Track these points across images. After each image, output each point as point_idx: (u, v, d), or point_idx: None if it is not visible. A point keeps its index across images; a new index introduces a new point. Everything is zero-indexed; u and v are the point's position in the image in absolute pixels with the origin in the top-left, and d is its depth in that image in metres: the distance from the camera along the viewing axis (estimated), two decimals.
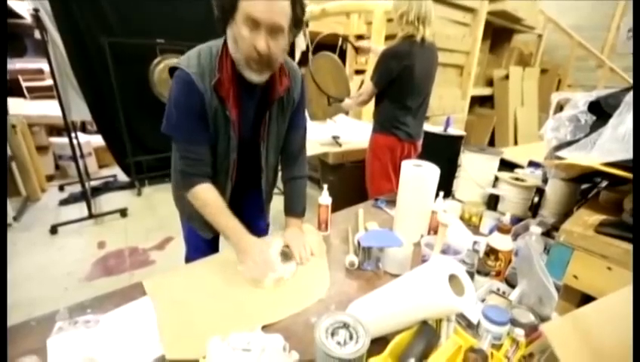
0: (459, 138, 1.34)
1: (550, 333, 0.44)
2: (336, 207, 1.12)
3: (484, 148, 1.31)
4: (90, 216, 2.63)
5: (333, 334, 0.54)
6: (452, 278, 0.55)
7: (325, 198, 1.07)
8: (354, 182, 1.93)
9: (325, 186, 1.07)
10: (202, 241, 1.11)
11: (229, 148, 0.89)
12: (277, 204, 1.15)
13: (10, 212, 2.59)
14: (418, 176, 1.00)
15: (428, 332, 0.54)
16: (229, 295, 0.79)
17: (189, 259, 1.13)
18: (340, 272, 0.90)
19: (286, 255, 0.93)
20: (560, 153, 0.72)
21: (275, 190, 1.21)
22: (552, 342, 0.43)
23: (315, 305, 0.77)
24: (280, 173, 1.12)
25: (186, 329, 0.68)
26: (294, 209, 1.04)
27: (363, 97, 1.77)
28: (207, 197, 0.88)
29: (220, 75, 0.79)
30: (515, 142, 3.91)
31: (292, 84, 0.92)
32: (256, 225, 1.08)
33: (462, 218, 1.18)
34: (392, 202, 1.33)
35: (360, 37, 3.41)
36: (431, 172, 1.01)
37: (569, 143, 0.75)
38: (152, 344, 0.65)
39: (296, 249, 0.92)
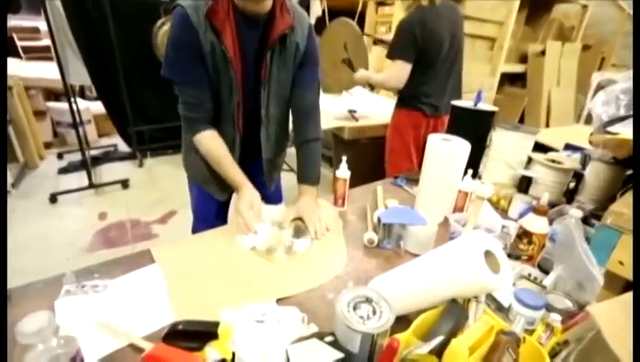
0: (490, 114, 1.29)
1: (599, 316, 0.43)
2: (351, 186, 1.12)
3: (518, 127, 1.27)
4: (91, 185, 2.68)
5: (355, 308, 0.54)
6: (487, 255, 0.54)
7: (343, 171, 1.06)
8: (370, 160, 1.91)
9: (344, 158, 1.05)
10: (211, 212, 1.12)
11: (232, 91, 0.89)
12: (288, 180, 1.15)
13: (9, 178, 2.64)
14: (446, 151, 0.98)
15: (457, 311, 0.54)
16: (241, 266, 0.80)
17: (196, 230, 1.14)
18: (357, 249, 0.90)
19: (300, 229, 0.93)
20: (612, 128, 0.69)
21: (285, 166, 1.20)
22: (600, 324, 0.42)
23: (332, 281, 0.78)
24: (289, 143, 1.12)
25: (197, 299, 0.70)
26: (308, 176, 1.03)
27: (392, 83, 1.69)
28: (210, 144, 0.92)
29: (213, 2, 0.79)
30: (547, 126, 3.79)
31: (296, 27, 0.91)
32: (261, 193, 1.09)
33: (489, 200, 1.16)
34: (413, 180, 1.32)
35: (381, 3, 3.29)
36: (460, 147, 0.98)
37: (622, 118, 0.71)
38: (162, 311, 0.67)
39: (311, 222, 0.92)
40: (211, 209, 1.12)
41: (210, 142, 0.92)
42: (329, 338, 0.48)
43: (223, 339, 0.40)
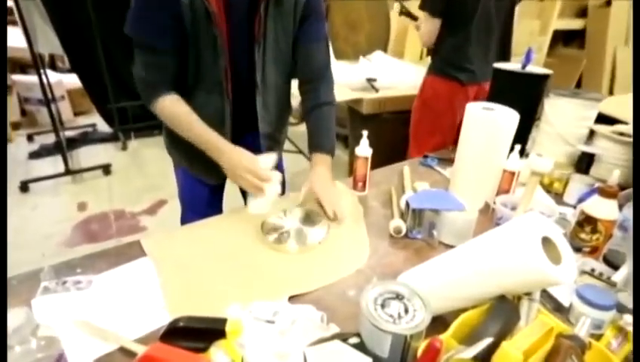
0: (542, 78, 1.25)
1: None
2: (372, 167, 1.11)
3: (578, 93, 1.22)
4: (67, 172, 2.72)
5: (383, 306, 0.53)
6: (544, 242, 0.52)
7: (364, 149, 1.04)
8: (393, 137, 1.89)
9: (365, 134, 1.04)
10: (201, 199, 1.13)
11: (216, 53, 0.87)
12: (291, 165, 1.14)
13: None
14: (489, 122, 0.95)
15: (506, 310, 0.53)
16: (247, 260, 0.81)
17: (185, 222, 1.14)
18: (382, 240, 0.90)
19: (311, 217, 0.93)
20: None
21: (292, 148, 1.19)
22: None
23: (353, 276, 0.78)
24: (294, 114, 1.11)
25: (196, 296, 0.70)
26: (321, 143, 1.01)
27: (423, 39, 1.68)
28: (175, 109, 0.90)
29: None
30: (610, 93, 3.66)
31: None
32: None
33: (540, 183, 1.14)
34: (445, 160, 1.31)
35: None
36: (506, 118, 0.95)
37: None
38: (156, 309, 0.67)
39: (328, 203, 0.92)
40: (202, 196, 1.12)
41: (176, 106, 0.90)
42: (354, 340, 0.48)
43: (231, 339, 0.40)
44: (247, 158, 0.89)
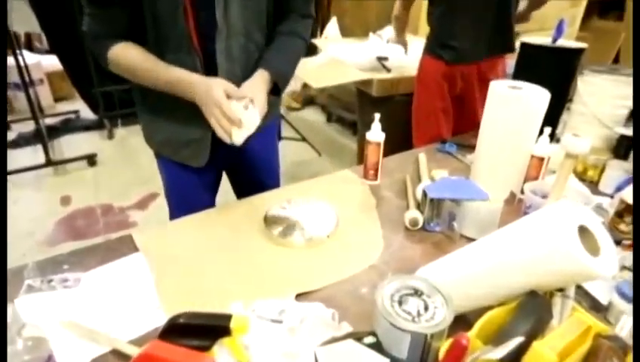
0: (576, 53, 1.24)
1: None
2: (384, 154, 1.10)
3: (616, 69, 1.21)
4: (49, 163, 2.74)
5: (401, 303, 0.54)
6: (581, 232, 0.52)
7: (376, 133, 1.04)
8: (407, 122, 1.88)
9: (377, 116, 1.03)
10: (190, 192, 1.13)
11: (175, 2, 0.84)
12: (293, 154, 1.13)
13: None
14: (516, 102, 0.94)
15: (538, 306, 0.53)
16: (249, 255, 0.82)
17: (174, 218, 1.14)
18: (396, 233, 0.90)
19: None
20: None
21: (295, 135, 1.18)
22: None
23: (365, 271, 0.78)
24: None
25: (194, 294, 0.71)
26: (271, 60, 0.97)
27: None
28: (128, 54, 0.88)
29: None
30: None
31: None
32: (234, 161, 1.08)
33: (572, 170, 1.13)
34: (466, 146, 1.31)
35: None
36: (536, 97, 0.94)
37: None
38: (151, 309, 0.68)
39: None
40: (189, 187, 1.12)
41: (129, 52, 0.88)
42: (369, 340, 0.48)
43: (236, 336, 0.41)
44: (218, 87, 0.84)
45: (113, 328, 0.64)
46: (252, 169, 1.16)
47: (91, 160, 2.88)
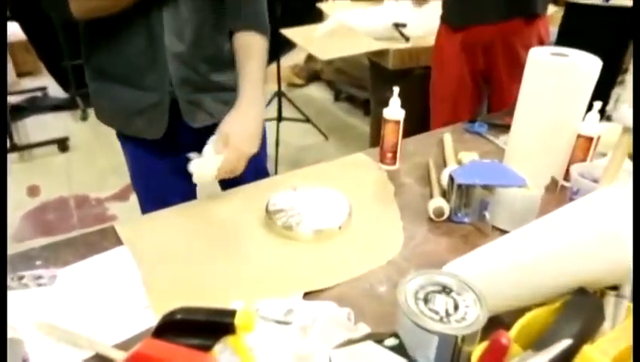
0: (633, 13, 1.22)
1: None
2: (403, 135, 1.11)
3: None
4: (13, 148, 2.76)
5: (426, 301, 0.53)
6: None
7: (395, 110, 1.04)
8: (428, 99, 1.87)
9: (396, 90, 1.03)
10: (158, 181, 1.15)
11: None
12: (297, 137, 1.13)
13: None
14: (560, 72, 0.93)
15: (587, 306, 0.52)
16: (250, 249, 0.83)
17: (145, 210, 1.17)
18: (419, 225, 0.90)
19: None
20: None
21: (298, 115, 1.19)
22: None
23: (383, 268, 0.78)
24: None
25: (188, 293, 0.72)
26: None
27: None
28: None
29: None
30: None
31: None
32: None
33: None
34: (499, 126, 1.30)
35: None
36: (584, 67, 0.93)
37: None
38: (137, 310, 0.68)
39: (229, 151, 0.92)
40: (159, 172, 1.13)
41: None
42: (391, 342, 0.48)
43: (242, 334, 0.41)
44: None
45: (95, 330, 0.64)
46: None
47: (62, 144, 2.89)
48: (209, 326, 0.41)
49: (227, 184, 1.07)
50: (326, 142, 3.10)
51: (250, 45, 1.04)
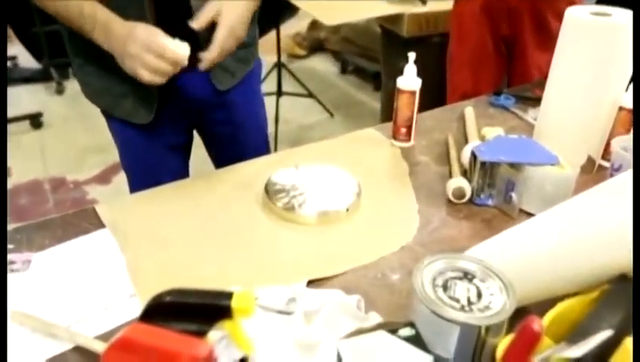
0: None
1: None
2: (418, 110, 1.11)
3: None
4: None
5: (445, 288, 0.53)
6: None
7: (410, 80, 1.04)
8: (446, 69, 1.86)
9: (412, 57, 1.03)
10: (150, 154, 1.15)
11: None
12: (300, 114, 1.15)
13: None
14: (600, 34, 0.92)
15: (630, 294, 0.52)
16: (247, 232, 0.83)
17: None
18: (436, 207, 0.91)
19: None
20: None
21: (301, 90, 1.20)
22: None
23: (396, 254, 0.78)
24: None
25: (177, 280, 0.69)
26: None
27: None
28: None
29: None
30: None
31: None
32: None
33: None
34: (527, 99, 1.30)
35: None
36: (629, 28, 0.91)
37: None
38: (121, 298, 0.69)
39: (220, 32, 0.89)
40: (149, 151, 1.14)
41: None
42: (406, 332, 0.48)
43: (239, 318, 0.40)
44: (144, 29, 0.85)
45: (75, 321, 0.64)
46: (231, 126, 1.18)
47: (35, 120, 2.89)
48: (203, 309, 0.41)
49: (222, 162, 1.07)
50: (331, 119, 3.09)
51: None
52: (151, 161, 1.16)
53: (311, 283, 0.70)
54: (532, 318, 0.41)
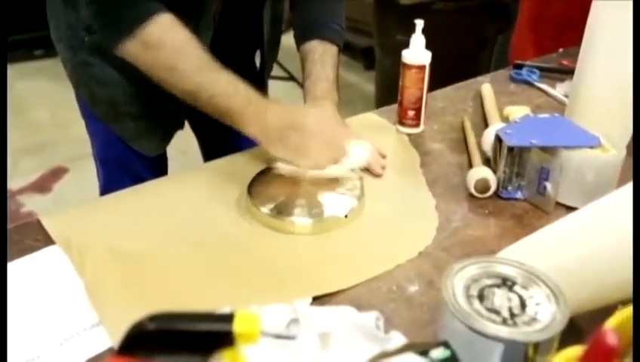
0: None
1: None
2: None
3: None
4: None
5: (482, 298, 0.53)
6: None
7: (418, 52, 1.05)
8: (454, 41, 1.88)
9: (419, 25, 1.05)
10: (132, 160, 1.19)
11: None
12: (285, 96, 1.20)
13: None
14: None
15: None
16: (229, 244, 0.83)
17: (109, 188, 1.19)
18: (456, 203, 0.91)
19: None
20: None
21: (281, 72, 1.22)
22: None
23: (414, 262, 0.78)
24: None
25: (151, 303, 0.69)
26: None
27: None
28: (177, 38, 0.93)
29: None
30: None
31: None
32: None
33: None
34: (555, 71, 1.30)
35: None
36: None
37: None
38: (81, 330, 0.67)
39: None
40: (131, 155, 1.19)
41: (175, 34, 0.93)
42: (440, 353, 0.47)
43: (242, 345, 0.39)
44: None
45: (26, 357, 0.63)
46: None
47: None
48: (197, 336, 0.40)
49: (212, 152, 1.16)
50: None
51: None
52: (134, 165, 1.22)
53: (314, 300, 0.70)
54: (605, 330, 0.41)
